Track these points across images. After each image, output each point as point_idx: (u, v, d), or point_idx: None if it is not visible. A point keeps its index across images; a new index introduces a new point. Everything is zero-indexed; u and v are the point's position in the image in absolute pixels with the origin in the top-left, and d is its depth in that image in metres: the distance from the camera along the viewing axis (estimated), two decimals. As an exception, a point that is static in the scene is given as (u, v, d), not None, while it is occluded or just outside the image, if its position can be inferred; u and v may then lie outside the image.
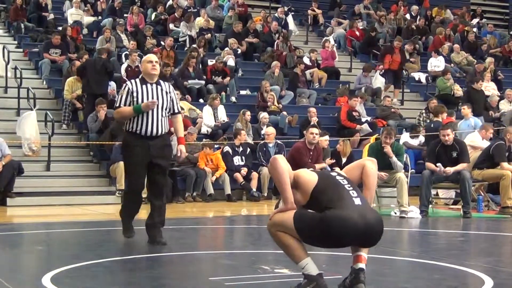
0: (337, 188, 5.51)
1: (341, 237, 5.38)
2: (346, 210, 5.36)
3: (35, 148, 16.05)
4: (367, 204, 5.55)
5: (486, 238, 10.18)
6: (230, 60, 20.89)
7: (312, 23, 26.85)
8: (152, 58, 8.74)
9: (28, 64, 20.41)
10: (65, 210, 13.79)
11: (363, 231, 5.36)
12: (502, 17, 32.69)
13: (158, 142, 8.51)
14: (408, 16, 27.90)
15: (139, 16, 22.91)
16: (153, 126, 8.47)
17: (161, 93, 8.56)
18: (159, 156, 8.54)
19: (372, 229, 5.43)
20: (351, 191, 5.51)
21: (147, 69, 8.63)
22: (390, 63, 21.64)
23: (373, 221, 5.42)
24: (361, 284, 5.51)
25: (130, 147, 8.56)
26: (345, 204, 5.40)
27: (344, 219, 5.31)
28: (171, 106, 8.66)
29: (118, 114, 8.73)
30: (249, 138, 17.12)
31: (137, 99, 8.45)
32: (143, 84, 8.58)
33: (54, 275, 6.35)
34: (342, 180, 5.61)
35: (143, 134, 8.46)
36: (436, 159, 12.68)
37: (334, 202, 5.41)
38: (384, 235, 5.47)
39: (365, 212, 5.40)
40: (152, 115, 8.45)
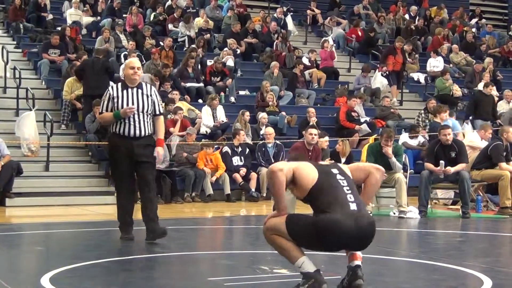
0: (335, 191, 5.56)
1: (334, 241, 5.47)
2: (341, 215, 5.43)
3: (34, 149, 16.05)
4: (363, 209, 5.59)
5: (485, 239, 10.18)
6: (229, 60, 20.90)
7: (311, 23, 26.84)
8: (134, 64, 9.04)
9: (27, 64, 20.40)
10: (64, 210, 13.79)
11: (355, 237, 5.46)
12: (501, 18, 32.68)
13: (142, 142, 8.84)
14: (407, 16, 27.90)
15: (138, 16, 22.91)
16: (136, 128, 8.82)
17: (141, 96, 8.87)
18: (144, 155, 8.84)
19: (365, 235, 5.51)
20: (348, 195, 5.55)
21: (128, 75, 8.95)
22: (393, 64, 21.55)
23: (366, 228, 5.50)
24: (359, 279, 5.55)
25: (115, 147, 8.90)
26: (341, 208, 5.46)
27: (338, 224, 5.41)
28: (153, 108, 8.95)
29: (101, 119, 9.24)
30: (248, 139, 17.12)
31: (117, 104, 8.80)
32: (124, 89, 8.90)
33: (53, 276, 6.35)
34: (342, 181, 5.63)
35: (127, 135, 8.80)
36: (435, 159, 12.69)
37: (330, 205, 5.48)
38: (383, 235, 5.51)
39: (359, 218, 5.48)
40: (133, 117, 8.78)
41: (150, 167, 8.99)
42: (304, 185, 5.58)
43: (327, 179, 5.60)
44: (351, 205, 5.50)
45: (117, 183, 9.23)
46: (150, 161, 8.96)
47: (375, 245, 5.39)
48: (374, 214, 12.78)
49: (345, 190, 5.57)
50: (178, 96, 18.04)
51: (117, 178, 9.15)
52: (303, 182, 5.58)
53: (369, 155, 12.91)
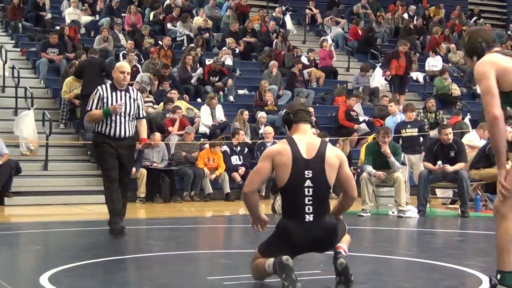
0: (296, 198, 5.72)
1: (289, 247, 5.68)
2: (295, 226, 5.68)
3: (33, 148, 16.04)
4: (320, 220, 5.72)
5: (484, 238, 10.17)
6: (228, 59, 20.89)
7: (310, 22, 26.83)
8: (124, 68, 9.46)
9: (26, 63, 20.40)
10: (62, 209, 13.79)
11: (307, 245, 5.73)
12: (499, 17, 32.70)
13: (125, 143, 9.32)
14: (406, 15, 27.90)
15: (137, 15, 22.91)
16: (120, 129, 9.27)
17: (128, 99, 9.35)
18: (125, 157, 9.35)
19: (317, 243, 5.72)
20: (307, 206, 5.70)
21: (118, 78, 9.37)
22: (396, 68, 21.44)
23: (319, 239, 5.70)
24: (341, 259, 5.60)
25: (100, 144, 9.33)
26: (296, 219, 5.69)
27: (289, 233, 5.69)
28: (137, 112, 9.44)
29: (89, 117, 9.65)
30: (247, 138, 17.12)
31: (106, 104, 9.25)
32: (113, 90, 9.35)
33: (52, 275, 6.34)
34: (308, 189, 5.72)
35: (111, 135, 9.25)
36: (434, 159, 12.69)
37: (288, 212, 5.76)
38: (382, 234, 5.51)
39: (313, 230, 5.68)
40: (119, 119, 9.25)
41: (129, 170, 9.70)
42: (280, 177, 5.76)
43: (293, 185, 5.72)
44: (306, 217, 5.69)
45: (106, 177, 9.36)
46: (130, 166, 9.65)
47: (374, 244, 5.38)
48: (373, 213, 12.79)
49: (305, 201, 5.70)
50: (176, 95, 18.03)
51: (106, 174, 9.37)
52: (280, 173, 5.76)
53: (367, 155, 12.92)
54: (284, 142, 5.82)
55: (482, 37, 5.26)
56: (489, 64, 5.05)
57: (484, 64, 5.07)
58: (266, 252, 5.77)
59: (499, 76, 5.01)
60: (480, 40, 5.25)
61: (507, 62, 5.08)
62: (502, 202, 5.10)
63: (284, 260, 5.44)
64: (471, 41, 5.31)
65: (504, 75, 5.02)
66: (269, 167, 5.75)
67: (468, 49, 5.34)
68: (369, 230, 11.06)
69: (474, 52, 5.27)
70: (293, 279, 5.39)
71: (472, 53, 5.30)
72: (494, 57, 5.11)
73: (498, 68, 5.02)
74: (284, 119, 6.02)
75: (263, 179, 5.89)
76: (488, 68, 5.02)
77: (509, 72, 5.04)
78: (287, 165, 5.70)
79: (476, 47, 5.27)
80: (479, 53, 5.22)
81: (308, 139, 5.88)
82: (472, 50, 5.29)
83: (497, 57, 5.11)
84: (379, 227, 11.40)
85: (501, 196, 5.12)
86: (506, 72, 5.03)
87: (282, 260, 5.45)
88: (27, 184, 14.85)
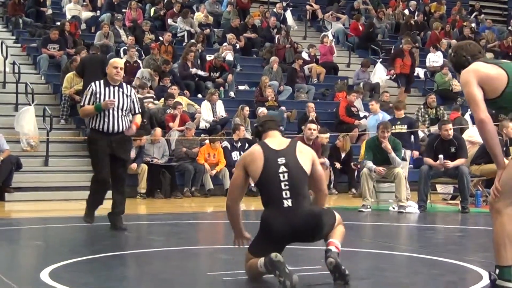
0: (271, 187, 5.83)
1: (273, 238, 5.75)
2: (274, 214, 5.77)
3: (33, 143, 16.05)
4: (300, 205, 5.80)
5: (484, 233, 10.16)
6: (229, 55, 20.88)
7: (311, 18, 26.81)
8: (117, 64, 9.58)
9: (26, 59, 20.39)
10: (63, 205, 13.80)
11: (290, 234, 5.75)
12: (500, 13, 32.67)
13: (119, 137, 9.39)
14: (407, 11, 27.86)
15: (138, 11, 22.88)
16: (114, 124, 9.34)
17: (122, 95, 9.42)
18: (120, 149, 9.42)
19: (301, 230, 5.75)
20: (284, 191, 5.80)
21: (111, 74, 9.47)
22: (401, 67, 21.36)
23: (301, 223, 5.73)
24: (329, 259, 5.62)
25: (94, 141, 9.47)
26: (273, 207, 5.80)
27: (270, 222, 5.77)
28: (132, 107, 9.52)
29: (82, 112, 9.85)
30: (247, 134, 17.12)
31: (99, 100, 9.33)
32: (106, 86, 9.44)
33: (53, 270, 6.35)
34: (283, 174, 5.84)
35: (105, 130, 9.33)
36: (435, 154, 12.69)
37: (266, 203, 5.87)
38: (382, 230, 5.52)
39: (294, 214, 5.73)
40: (112, 114, 9.32)
41: (125, 166, 9.67)
42: (253, 176, 5.94)
43: (268, 174, 5.85)
44: (285, 202, 5.77)
45: (96, 174, 9.64)
46: (126, 159, 9.63)
47: (375, 240, 5.39)
48: (374, 208, 12.79)
49: (282, 186, 5.81)
50: (177, 91, 18.02)
51: (96, 169, 9.62)
52: (252, 174, 5.92)
53: (367, 150, 12.92)
54: (254, 145, 6.08)
55: (466, 51, 5.46)
56: (472, 72, 5.24)
57: (468, 72, 5.27)
58: (255, 251, 5.84)
59: (483, 84, 5.19)
60: (464, 54, 5.44)
61: (490, 69, 5.25)
62: (497, 198, 5.15)
63: (273, 258, 5.50)
64: (457, 56, 5.51)
65: (487, 82, 5.20)
66: (242, 175, 5.97)
67: (455, 64, 5.55)
68: (370, 226, 11.07)
69: (461, 66, 5.45)
70: (287, 273, 5.44)
71: (459, 67, 5.49)
72: (477, 65, 5.29)
73: (481, 76, 5.21)
74: (255, 133, 6.33)
75: (240, 188, 6.03)
76: (471, 76, 5.21)
77: (491, 79, 5.20)
78: (259, 159, 5.89)
79: (461, 61, 5.46)
80: (465, 67, 5.39)
81: (278, 139, 6.11)
82: (459, 64, 5.49)
83: (480, 65, 5.29)
84: (379, 222, 11.40)
85: (493, 196, 5.22)
86: (489, 79, 5.20)
87: (271, 258, 5.50)
88: (28, 179, 14.85)
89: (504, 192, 5.16)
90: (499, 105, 5.27)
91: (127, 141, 9.64)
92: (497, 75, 5.20)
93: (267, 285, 5.78)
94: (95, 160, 9.55)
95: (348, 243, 5.88)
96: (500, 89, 5.18)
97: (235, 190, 6.05)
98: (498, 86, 5.18)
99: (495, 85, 5.18)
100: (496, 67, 5.25)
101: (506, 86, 5.17)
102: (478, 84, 5.17)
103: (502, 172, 5.20)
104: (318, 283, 5.84)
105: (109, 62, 9.74)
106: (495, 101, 5.22)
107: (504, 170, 5.19)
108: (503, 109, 5.40)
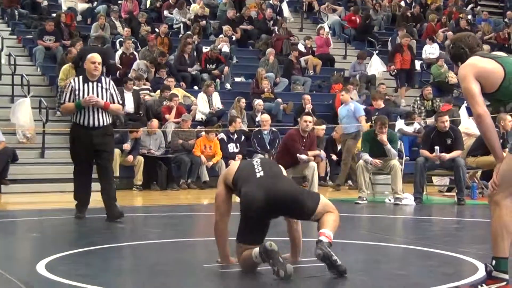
0: (247, 172, 6.01)
1: (251, 211, 5.81)
2: (248, 186, 5.87)
3: (29, 135, 16.04)
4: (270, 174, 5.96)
5: (480, 225, 10.18)
6: (225, 47, 20.85)
7: (307, 10, 26.77)
8: (95, 59, 9.73)
9: (22, 51, 20.35)
10: (59, 197, 13.78)
11: (265, 198, 5.76)
12: (496, 5, 32.63)
13: (100, 132, 9.59)
14: (403, 3, 27.83)
15: (134, 2, 22.82)
16: (95, 119, 9.54)
17: (100, 90, 9.61)
18: (102, 144, 9.62)
19: (274, 195, 5.79)
20: (256, 168, 5.99)
21: (89, 69, 9.68)
22: (401, 62, 21.31)
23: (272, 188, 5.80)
24: (317, 251, 5.63)
25: (76, 136, 9.71)
26: (249, 181, 5.90)
27: (245, 194, 5.84)
28: (111, 100, 9.68)
29: (63, 109, 10.10)
30: (243, 125, 17.12)
31: (78, 96, 9.53)
32: (85, 82, 9.64)
33: (49, 262, 6.35)
34: (257, 162, 6.09)
35: (86, 125, 9.53)
36: (431, 146, 12.70)
37: (242, 184, 5.94)
38: (378, 222, 5.53)
39: (264, 181, 5.85)
40: (92, 109, 9.51)
41: (109, 157, 9.89)
42: (229, 182, 6.12)
43: (245, 166, 6.11)
44: (257, 174, 5.93)
45: (75, 167, 9.89)
46: (109, 151, 9.83)
47: (371, 232, 5.39)
48: (370, 200, 12.81)
49: (255, 167, 6.01)
50: (173, 83, 18.00)
51: (76, 163, 9.87)
52: (228, 180, 6.14)
53: (364, 142, 12.92)
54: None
55: (464, 44, 5.45)
56: (469, 67, 5.24)
57: (465, 67, 5.27)
58: (243, 237, 5.89)
59: (480, 78, 5.20)
60: (463, 46, 5.44)
61: (487, 64, 5.25)
62: (495, 190, 5.18)
63: (267, 247, 5.52)
64: (455, 48, 5.51)
65: (484, 77, 5.20)
66: (222, 188, 6.22)
67: (452, 55, 5.57)
68: (366, 218, 11.08)
69: (458, 58, 5.47)
70: (281, 262, 5.48)
71: (456, 59, 5.50)
72: (475, 60, 5.29)
73: (478, 70, 5.21)
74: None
75: (225, 201, 6.23)
76: (468, 71, 5.21)
77: (488, 73, 5.20)
78: (235, 165, 6.24)
79: (459, 53, 5.46)
80: (463, 59, 5.41)
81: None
82: (456, 56, 5.49)
83: (477, 60, 5.29)
84: (375, 214, 11.41)
85: (491, 188, 5.27)
86: (486, 74, 5.21)
87: (266, 247, 5.53)
88: (24, 171, 14.85)
89: (502, 184, 5.19)
90: (496, 98, 5.29)
91: (109, 135, 9.82)
92: (494, 69, 5.21)
93: (262, 277, 5.79)
94: (74, 152, 9.84)
95: (344, 235, 5.89)
96: (497, 84, 5.18)
97: (220, 204, 6.23)
98: (495, 81, 5.19)
99: (492, 80, 5.19)
100: (493, 62, 5.25)
101: (503, 80, 5.18)
102: (476, 78, 5.18)
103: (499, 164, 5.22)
104: (314, 275, 5.84)
105: (87, 58, 9.87)
106: (492, 95, 5.24)
107: (502, 164, 5.21)
108: (500, 102, 5.40)
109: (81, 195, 9.86)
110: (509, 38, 26.70)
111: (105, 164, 9.71)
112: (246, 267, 5.93)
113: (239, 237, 5.94)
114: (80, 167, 9.78)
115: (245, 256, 5.84)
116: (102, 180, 9.73)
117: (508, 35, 26.66)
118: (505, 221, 5.14)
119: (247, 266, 5.91)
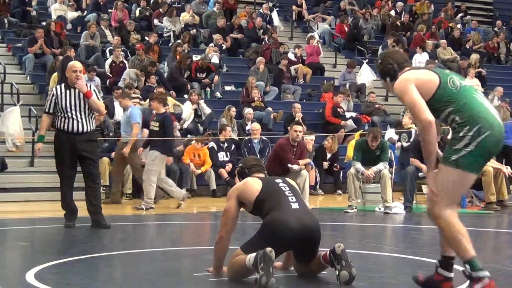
0: (278, 196, 5.98)
1: (280, 238, 5.77)
2: (284, 214, 5.81)
3: (19, 144, 15.99)
4: (305, 208, 6.04)
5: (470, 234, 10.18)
6: (215, 57, 20.82)
7: (297, 19, 26.83)
8: (76, 67, 9.85)
9: (12, 59, 20.29)
10: (49, 206, 13.73)
11: (299, 232, 5.78)
12: (486, 14, 32.78)
13: (84, 137, 9.74)
14: (393, 12, 27.91)
15: (124, 11, 22.82)
16: (78, 125, 9.71)
17: (82, 96, 9.70)
18: (86, 150, 9.76)
19: (309, 231, 5.87)
20: (290, 197, 5.98)
21: (71, 78, 9.73)
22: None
23: (309, 224, 5.88)
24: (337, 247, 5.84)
25: (60, 141, 9.90)
26: (283, 209, 5.86)
27: (282, 222, 5.77)
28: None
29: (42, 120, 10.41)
30: (234, 134, 17.11)
31: (60, 103, 9.73)
32: (67, 89, 9.78)
33: (38, 271, 6.33)
34: (284, 186, 6.08)
35: (70, 130, 9.72)
36: (421, 155, 12.69)
37: (274, 208, 5.87)
38: (368, 230, 5.55)
39: (301, 215, 5.87)
40: (76, 115, 9.71)
41: (94, 163, 10.01)
42: (248, 199, 6.02)
43: (269, 188, 6.04)
44: (292, 205, 5.93)
45: (60, 174, 10.05)
46: (94, 157, 9.96)
47: (361, 241, 5.40)
48: (360, 209, 12.82)
49: (286, 194, 6.00)
50: (164, 91, 17.95)
51: (60, 170, 10.00)
52: (247, 197, 6.03)
53: (356, 150, 12.93)
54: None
55: (393, 59, 5.57)
56: (406, 80, 5.36)
57: (402, 82, 5.38)
58: (252, 249, 5.76)
59: (417, 87, 5.30)
60: (391, 62, 5.56)
61: (422, 74, 5.42)
62: (433, 203, 5.35)
63: (267, 252, 5.53)
64: (383, 63, 5.63)
65: (420, 86, 5.32)
66: (234, 204, 6.10)
67: (381, 71, 5.67)
68: (356, 226, 11.09)
69: (387, 73, 5.59)
70: (269, 271, 5.49)
71: (385, 75, 5.62)
72: (408, 74, 5.43)
73: (414, 79, 5.34)
74: (239, 172, 6.53)
75: (234, 218, 6.12)
76: (407, 83, 5.33)
77: (424, 82, 5.34)
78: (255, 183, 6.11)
79: (387, 69, 5.58)
80: (391, 74, 5.54)
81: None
82: (385, 72, 5.61)
83: (410, 73, 5.44)
84: (365, 223, 11.42)
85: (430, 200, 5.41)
86: (422, 83, 5.34)
87: (266, 251, 5.53)
88: (13, 180, 14.81)
89: (440, 197, 5.32)
90: (431, 108, 5.32)
91: (93, 141, 9.98)
92: (429, 78, 5.35)
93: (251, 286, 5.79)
94: (57, 158, 10.00)
95: (334, 244, 5.89)
96: (432, 91, 5.31)
97: (228, 221, 6.11)
98: (430, 89, 5.31)
99: (427, 88, 5.31)
100: (429, 72, 5.42)
101: (438, 88, 5.31)
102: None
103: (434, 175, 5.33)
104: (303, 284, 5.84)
105: (68, 66, 9.96)
106: (428, 103, 5.31)
107: (437, 175, 5.32)
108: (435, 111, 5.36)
109: (68, 204, 9.96)
110: (498, 47, 26.84)
111: (90, 170, 9.85)
112: (233, 272, 5.91)
113: (246, 247, 5.90)
114: (65, 174, 9.90)
115: (238, 258, 5.83)
116: (88, 187, 9.88)
117: (497, 45, 26.79)
118: (454, 226, 5.33)
119: (235, 271, 5.89)
